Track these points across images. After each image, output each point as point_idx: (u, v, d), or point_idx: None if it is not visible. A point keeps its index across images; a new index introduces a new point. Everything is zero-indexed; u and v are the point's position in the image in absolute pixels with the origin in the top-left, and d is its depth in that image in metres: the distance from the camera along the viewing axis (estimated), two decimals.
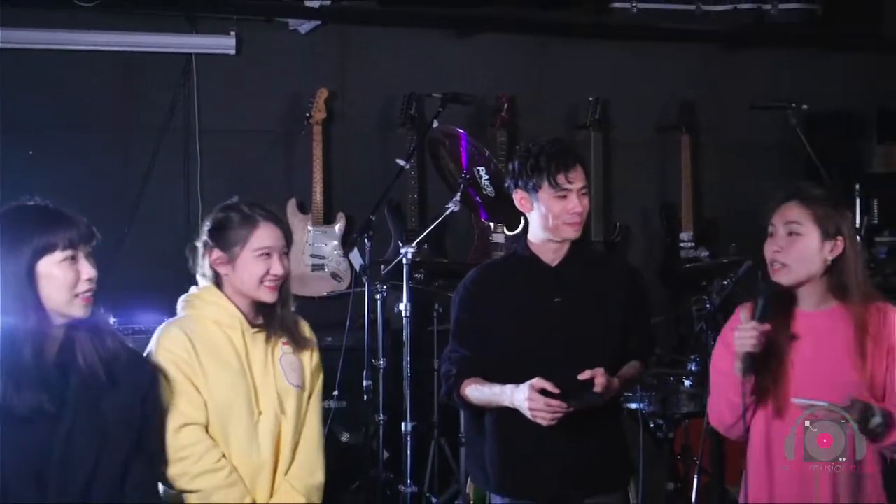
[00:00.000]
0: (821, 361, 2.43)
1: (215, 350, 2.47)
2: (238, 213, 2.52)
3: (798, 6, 5.45)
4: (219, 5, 4.93)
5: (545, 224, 2.70)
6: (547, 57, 5.45)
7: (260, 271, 2.47)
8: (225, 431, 2.46)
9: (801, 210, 2.44)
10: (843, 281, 2.43)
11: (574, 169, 2.67)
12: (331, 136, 5.04)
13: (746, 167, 5.48)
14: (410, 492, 4.15)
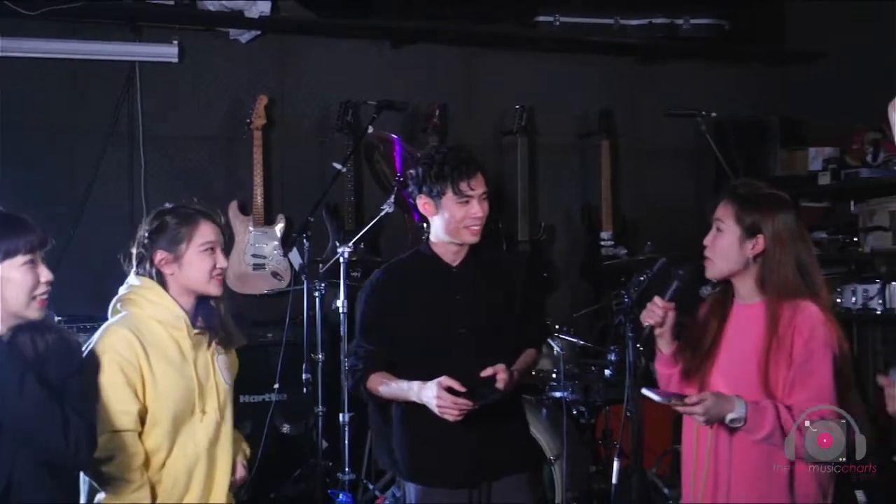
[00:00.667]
0: (737, 350, 2.49)
1: (162, 350, 2.46)
2: (177, 214, 2.53)
3: (707, 21, 5.58)
4: (162, 15, 4.88)
5: (447, 228, 2.74)
6: (476, 67, 5.51)
7: (208, 265, 2.51)
8: (174, 431, 2.46)
9: (726, 208, 2.50)
10: (764, 277, 2.47)
11: (476, 176, 2.71)
12: (271, 141, 5.04)
13: (661, 171, 5.59)
14: (348, 479, 4.17)
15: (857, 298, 4.80)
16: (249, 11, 4.88)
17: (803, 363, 2.38)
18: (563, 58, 5.62)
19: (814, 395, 2.34)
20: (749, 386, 2.40)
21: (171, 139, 4.97)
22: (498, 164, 5.40)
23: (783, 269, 2.45)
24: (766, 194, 2.55)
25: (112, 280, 2.67)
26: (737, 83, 5.84)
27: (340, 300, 4.23)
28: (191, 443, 2.49)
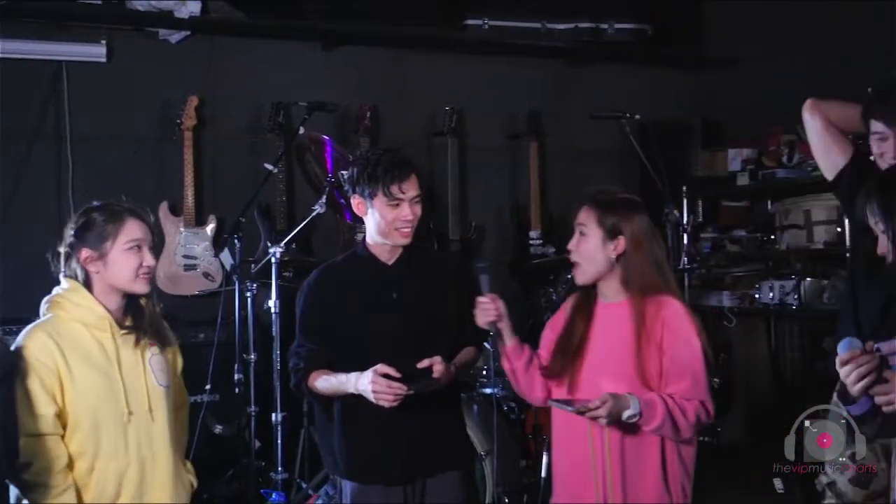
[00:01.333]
0: (608, 348, 2.52)
1: (83, 352, 2.37)
2: (103, 211, 2.44)
3: (631, 26, 5.65)
4: (89, 15, 4.72)
5: (378, 229, 2.73)
6: (406, 69, 5.47)
7: (134, 264, 2.41)
8: (97, 433, 2.36)
9: (589, 213, 2.54)
10: (627, 276, 2.51)
11: (408, 180, 2.69)
12: (201, 141, 4.92)
13: (587, 171, 5.60)
14: (281, 478, 4.15)
15: (774, 294, 4.89)
16: (179, 12, 4.77)
17: (677, 355, 2.46)
18: (492, 60, 5.62)
19: (691, 384, 2.43)
20: (627, 380, 2.44)
21: (100, 139, 4.80)
22: (428, 164, 5.37)
23: (643, 268, 2.53)
24: (623, 199, 2.61)
25: (39, 281, 2.58)
26: (660, 86, 5.90)
27: (272, 300, 4.19)
28: (121, 446, 2.39)
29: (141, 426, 2.42)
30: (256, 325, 4.36)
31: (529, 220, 5.47)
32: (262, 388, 4.31)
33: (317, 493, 4.11)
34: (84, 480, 2.35)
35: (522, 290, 5.42)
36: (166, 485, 2.46)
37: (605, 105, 4.99)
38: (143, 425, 2.43)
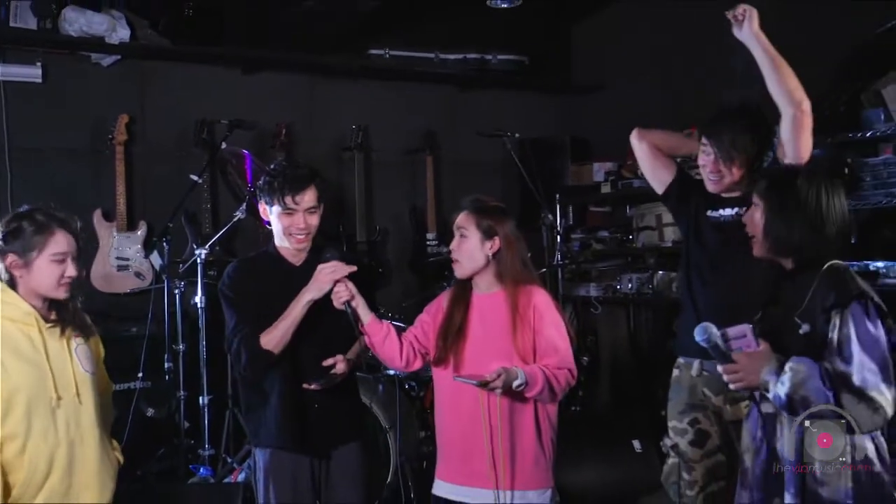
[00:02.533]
0: (487, 333, 2.57)
1: (11, 345, 2.28)
2: (33, 221, 2.33)
3: (512, 57, 5.75)
4: (24, 39, 4.55)
5: (278, 234, 2.73)
6: (317, 92, 5.44)
7: (56, 274, 2.33)
8: (28, 418, 2.27)
9: (468, 217, 2.61)
10: (501, 271, 2.58)
11: (302, 192, 2.66)
12: (132, 154, 4.80)
13: (476, 181, 5.58)
14: (208, 454, 4.12)
15: (632, 285, 5.04)
16: (110, 38, 4.64)
17: (549, 334, 2.54)
18: (393, 85, 5.63)
19: (561, 357, 2.53)
20: (507, 357, 2.50)
21: (38, 152, 4.64)
22: (338, 176, 5.36)
23: (515, 263, 2.60)
24: (495, 205, 2.68)
25: None
26: (535, 109, 5.99)
27: (199, 296, 4.14)
28: (50, 429, 2.30)
29: (69, 410, 2.34)
30: (184, 319, 4.31)
31: (426, 223, 5.52)
32: (189, 375, 4.26)
33: (240, 467, 4.07)
34: (17, 461, 2.26)
35: (420, 284, 5.47)
36: (94, 463, 2.38)
37: (489, 125, 5.05)
38: (72, 409, 2.35)
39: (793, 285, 2.11)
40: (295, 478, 2.73)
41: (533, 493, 2.55)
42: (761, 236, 2.13)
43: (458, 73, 5.69)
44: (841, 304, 1.97)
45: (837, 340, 1.97)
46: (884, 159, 3.66)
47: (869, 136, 3.68)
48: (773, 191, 2.12)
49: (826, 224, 2.07)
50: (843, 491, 1.99)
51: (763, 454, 2.11)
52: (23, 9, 4.52)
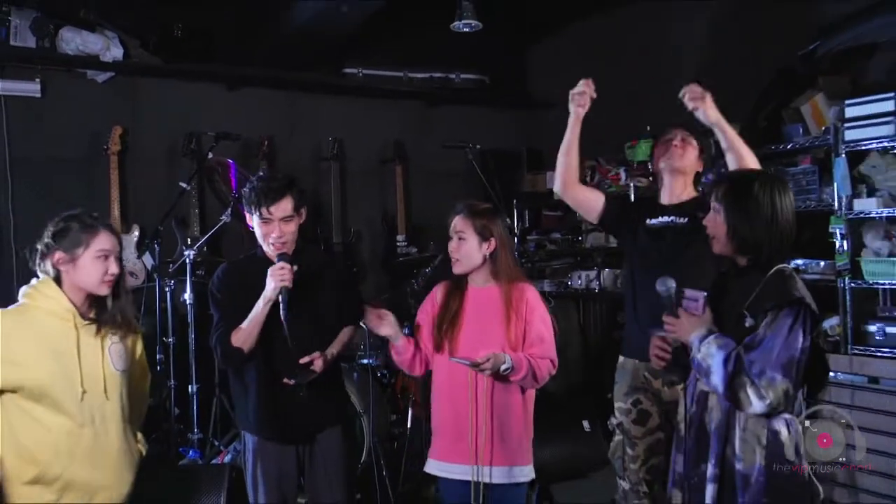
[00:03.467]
0: (482, 323, 2.58)
1: (43, 336, 2.22)
2: (80, 221, 2.29)
3: (473, 76, 5.79)
4: (24, 56, 4.46)
5: (260, 239, 2.69)
6: (297, 107, 5.41)
7: (101, 270, 2.28)
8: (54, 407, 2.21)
9: (464, 222, 2.60)
10: (496, 268, 2.59)
11: (277, 202, 2.60)
12: (126, 164, 4.73)
13: (441, 188, 5.64)
14: (197, 438, 4.08)
15: (581, 281, 5.09)
16: (104, 56, 4.60)
17: (536, 327, 2.57)
18: (366, 101, 5.62)
19: (545, 350, 2.57)
20: (499, 345, 2.52)
21: (37, 161, 4.55)
22: (315, 183, 5.34)
23: (507, 261, 2.62)
24: (488, 208, 2.68)
25: None
26: (495, 123, 6.01)
27: (187, 293, 4.11)
28: (75, 420, 2.23)
29: (95, 403, 2.27)
30: (174, 314, 4.27)
31: (396, 226, 5.52)
32: (179, 366, 4.22)
33: (226, 449, 4.04)
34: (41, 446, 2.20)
35: (391, 282, 5.47)
36: (115, 454, 2.32)
37: (453, 137, 5.04)
38: (98, 403, 2.28)
39: (741, 282, 2.14)
40: (279, 461, 2.70)
41: (518, 469, 2.57)
42: (724, 236, 2.12)
43: (424, 91, 5.71)
44: (778, 305, 1.99)
45: (761, 335, 1.99)
46: (802, 168, 3.74)
47: (789, 148, 3.76)
48: (732, 194, 2.13)
49: (780, 225, 2.10)
50: (757, 468, 2.01)
51: (695, 426, 2.15)
52: (23, 28, 4.45)
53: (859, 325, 3.34)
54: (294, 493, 2.75)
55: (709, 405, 2.13)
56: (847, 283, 3.37)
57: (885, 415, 3.09)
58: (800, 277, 3.57)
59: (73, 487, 2.23)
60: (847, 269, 3.37)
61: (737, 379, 1.99)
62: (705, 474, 2.08)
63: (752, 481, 2.01)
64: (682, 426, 2.25)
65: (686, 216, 2.81)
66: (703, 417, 2.13)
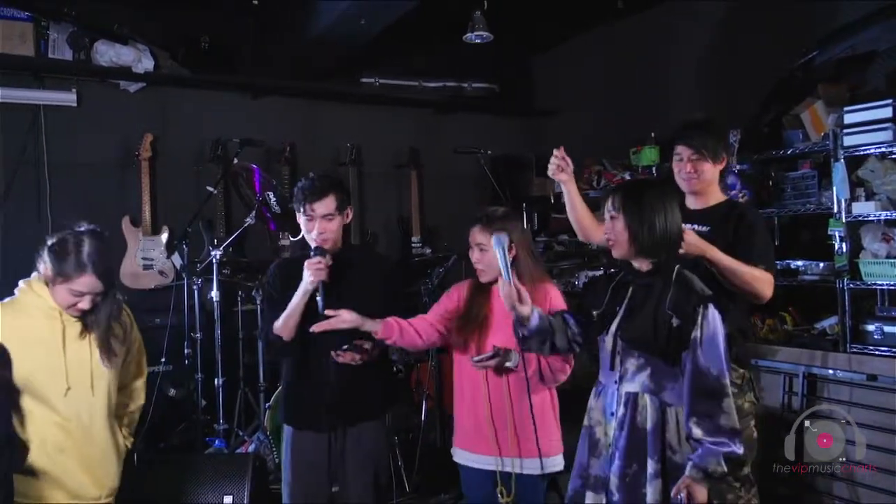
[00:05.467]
0: (506, 322, 2.47)
1: (32, 330, 2.20)
2: (75, 255, 2.19)
3: (484, 85, 5.75)
4: (61, 68, 4.46)
5: (306, 237, 2.66)
6: (317, 114, 5.38)
7: (70, 302, 2.22)
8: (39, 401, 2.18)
9: (483, 233, 2.53)
10: (519, 272, 2.48)
11: (319, 200, 2.58)
12: (156, 169, 4.72)
13: (453, 192, 5.63)
14: (222, 429, 4.07)
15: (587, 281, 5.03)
16: (136, 67, 4.58)
17: None
18: (382, 109, 5.59)
19: None
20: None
21: (73, 167, 4.54)
22: None
23: (529, 263, 2.56)
24: (504, 214, 2.61)
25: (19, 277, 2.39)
26: (504, 129, 5.97)
27: (214, 291, 4.10)
28: (62, 413, 2.20)
29: (81, 398, 2.23)
30: (201, 311, 4.24)
31: (411, 228, 5.48)
32: (206, 360, 4.20)
33: (250, 439, 4.02)
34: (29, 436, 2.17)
35: (407, 281, 5.42)
36: (102, 445, 2.29)
37: (465, 143, 5.02)
38: (84, 398, 2.24)
39: (645, 285, 2.11)
40: (311, 454, 2.65)
41: (548, 460, 2.53)
42: (625, 241, 2.10)
43: (438, 99, 5.67)
44: (701, 303, 2.00)
45: (701, 337, 1.99)
46: (802, 173, 3.67)
47: (790, 153, 3.69)
48: (630, 203, 2.11)
49: (673, 228, 2.10)
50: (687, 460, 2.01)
51: (627, 426, 2.07)
52: (60, 42, 4.46)
53: (858, 324, 3.26)
54: (326, 483, 2.67)
55: (639, 405, 2.07)
56: (846, 283, 3.30)
57: (882, 411, 3.01)
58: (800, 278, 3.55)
59: (61, 479, 2.20)
60: (846, 270, 3.29)
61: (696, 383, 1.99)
62: (643, 473, 2.03)
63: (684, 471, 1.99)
64: (598, 429, 2.16)
65: (710, 223, 2.69)
66: (636, 418, 2.06)
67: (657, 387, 2.05)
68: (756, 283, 2.52)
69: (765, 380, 3.41)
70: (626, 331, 2.10)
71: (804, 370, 3.29)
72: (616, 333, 2.12)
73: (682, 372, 2.02)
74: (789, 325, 3.55)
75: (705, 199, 2.76)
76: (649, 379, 2.06)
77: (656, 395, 2.05)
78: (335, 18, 4.17)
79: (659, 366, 2.04)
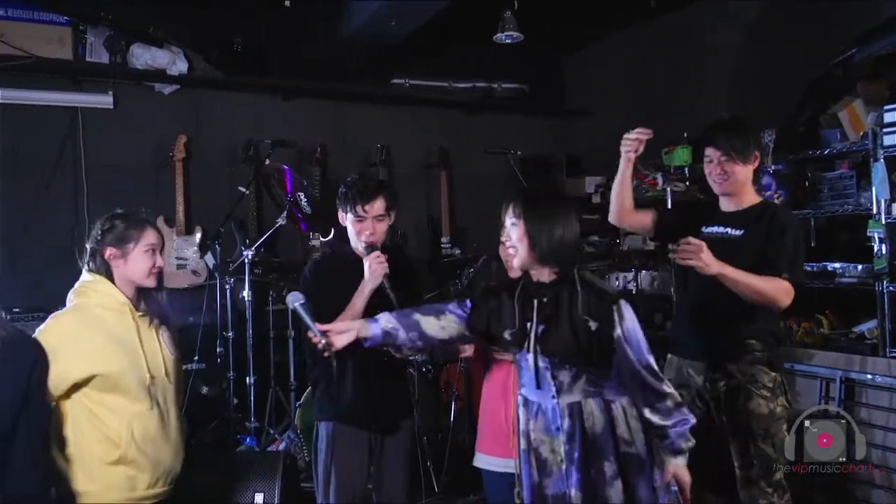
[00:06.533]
0: None
1: (110, 331, 2.24)
2: (128, 219, 2.33)
3: (514, 86, 5.72)
4: (98, 71, 4.55)
5: (353, 237, 2.65)
6: (348, 115, 5.40)
7: (148, 263, 2.31)
8: (127, 394, 2.22)
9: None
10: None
11: (370, 202, 2.58)
12: (189, 170, 4.78)
13: (483, 192, 5.53)
14: (253, 427, 4.10)
15: (619, 282, 4.97)
16: (171, 70, 4.65)
17: None
18: (412, 110, 5.59)
19: None
20: None
21: (109, 168, 4.62)
22: None
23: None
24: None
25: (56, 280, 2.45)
26: (534, 130, 5.93)
27: (246, 291, 4.13)
28: (146, 403, 2.26)
29: (160, 387, 2.31)
30: (233, 310, 4.30)
31: (441, 229, 5.47)
32: (238, 358, 4.25)
33: (281, 437, 4.05)
34: (119, 430, 2.22)
35: (437, 282, 5.43)
36: (175, 432, 2.36)
37: (495, 144, 5.00)
38: (162, 386, 2.31)
39: (553, 292, 2.08)
40: (350, 450, 2.65)
41: None
42: (526, 248, 2.07)
43: (467, 100, 5.65)
44: (614, 302, 2.01)
45: (624, 334, 2.00)
46: (840, 173, 3.59)
47: (827, 153, 3.61)
48: (532, 210, 2.09)
49: (571, 240, 2.07)
50: (643, 445, 2.04)
51: (578, 437, 2.04)
52: (97, 46, 4.54)
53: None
54: (362, 480, 2.68)
55: (585, 412, 2.04)
56: (885, 286, 3.22)
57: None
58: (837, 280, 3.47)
59: (148, 465, 2.26)
60: (885, 272, 3.21)
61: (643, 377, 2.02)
62: (600, 476, 2.01)
63: (643, 458, 2.03)
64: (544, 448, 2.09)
65: (744, 226, 2.65)
66: (584, 425, 2.04)
67: (596, 388, 2.05)
68: (771, 294, 2.49)
69: (801, 384, 3.34)
70: (547, 346, 2.06)
71: (841, 375, 3.22)
72: (535, 350, 2.08)
73: (615, 373, 2.03)
74: (826, 329, 3.48)
75: (739, 201, 2.71)
76: (587, 384, 2.05)
77: (599, 396, 2.05)
78: (366, 20, 4.19)
79: (591, 370, 2.04)
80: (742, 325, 2.60)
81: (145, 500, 2.28)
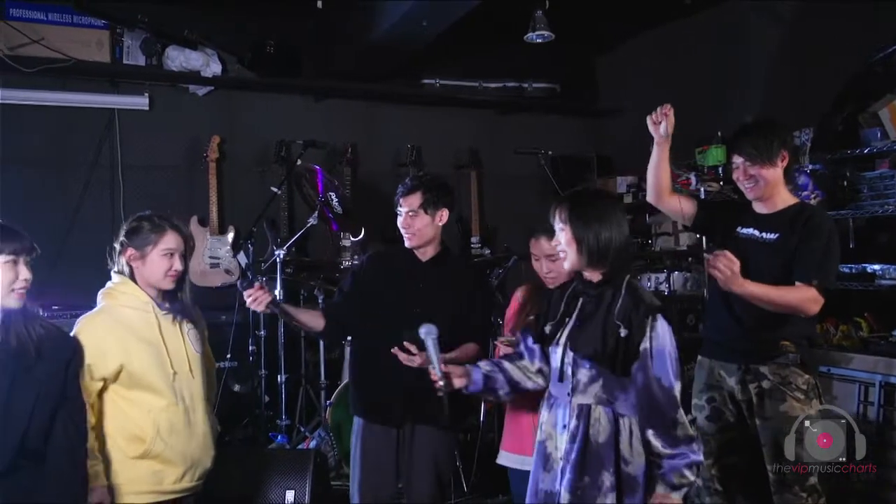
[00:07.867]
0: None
1: (132, 329, 2.29)
2: (150, 221, 2.36)
3: (545, 85, 5.70)
4: (135, 73, 4.66)
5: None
6: (378, 115, 5.43)
7: (164, 266, 2.34)
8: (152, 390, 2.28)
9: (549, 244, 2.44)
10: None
11: (406, 197, 2.64)
12: (223, 170, 4.86)
13: (513, 192, 5.59)
14: (285, 424, 4.14)
15: (651, 284, 4.91)
16: (205, 71, 4.72)
17: None
18: (443, 110, 5.60)
19: None
20: None
21: (144, 168, 4.73)
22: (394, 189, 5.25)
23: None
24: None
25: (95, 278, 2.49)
26: (566, 130, 5.90)
27: (277, 290, 4.16)
28: (171, 399, 2.30)
29: (184, 382, 2.34)
30: None
31: (471, 228, 5.47)
32: (270, 356, 4.29)
33: (312, 435, 4.08)
34: (144, 425, 2.27)
35: None
36: (202, 427, 2.39)
37: (525, 144, 4.97)
38: (186, 382, 2.35)
39: (595, 295, 2.08)
40: (379, 447, 2.66)
41: None
42: (575, 252, 2.08)
43: (498, 99, 5.65)
44: (650, 314, 1.98)
45: (651, 349, 1.96)
46: (880, 173, 3.52)
47: (866, 152, 3.55)
48: (578, 214, 2.08)
49: (622, 237, 2.06)
50: (640, 469, 1.99)
51: (579, 440, 2.02)
52: (134, 49, 4.63)
53: None
54: (393, 477, 2.68)
55: (593, 417, 2.02)
56: None
57: None
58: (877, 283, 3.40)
59: (174, 459, 2.30)
60: None
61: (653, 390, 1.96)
62: (594, 486, 1.98)
63: (639, 481, 1.98)
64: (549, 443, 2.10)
65: (778, 229, 2.60)
66: (589, 430, 2.01)
67: (610, 397, 2.01)
68: (795, 305, 2.46)
69: (838, 388, 3.28)
70: (576, 341, 2.07)
71: (881, 379, 3.15)
72: (566, 344, 2.09)
73: (632, 383, 1.98)
74: (865, 332, 3.41)
75: (773, 203, 2.67)
76: (602, 390, 2.02)
77: (609, 406, 2.01)
78: (397, 20, 4.21)
79: (609, 376, 2.01)
80: (776, 327, 2.56)
81: (173, 494, 2.31)
